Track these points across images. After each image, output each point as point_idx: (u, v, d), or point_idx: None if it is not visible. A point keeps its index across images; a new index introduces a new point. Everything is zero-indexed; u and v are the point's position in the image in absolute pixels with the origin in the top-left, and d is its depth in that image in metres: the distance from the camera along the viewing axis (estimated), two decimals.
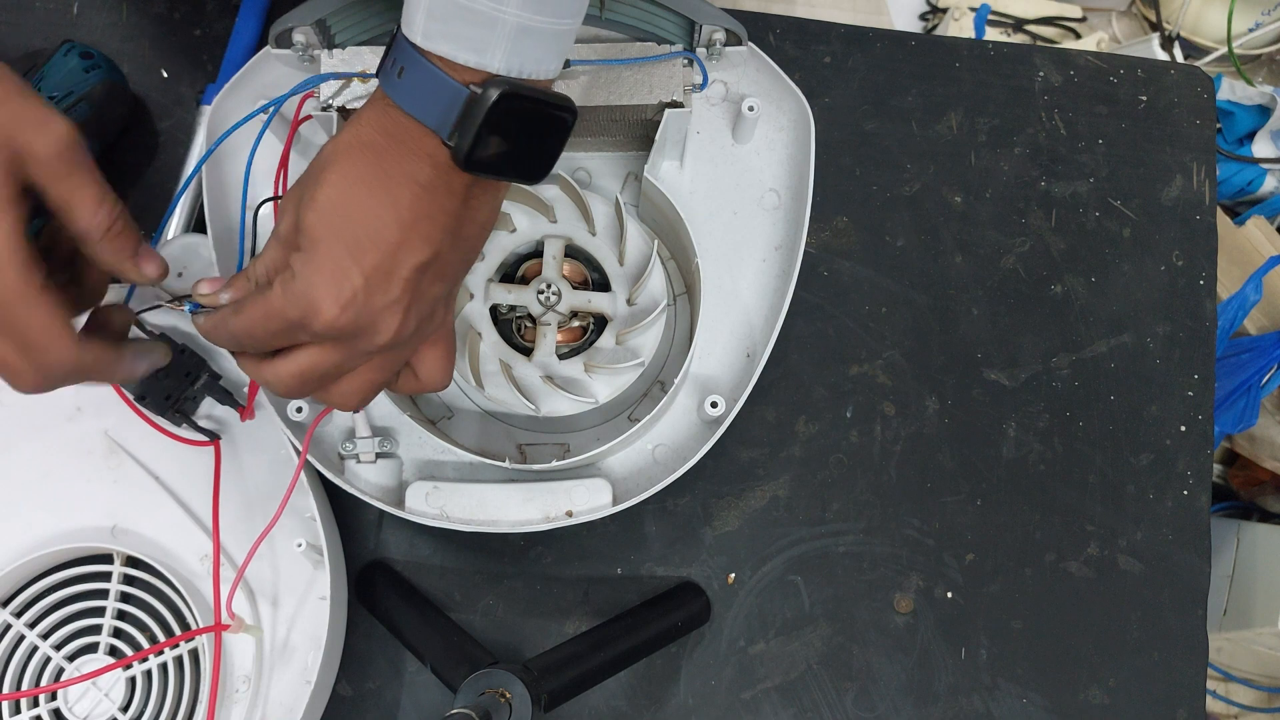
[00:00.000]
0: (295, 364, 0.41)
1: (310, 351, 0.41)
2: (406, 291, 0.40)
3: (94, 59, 0.65)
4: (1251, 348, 1.20)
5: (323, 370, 0.41)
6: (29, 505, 0.60)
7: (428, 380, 0.47)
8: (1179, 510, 0.68)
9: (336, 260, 0.39)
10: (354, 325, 0.39)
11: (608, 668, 0.59)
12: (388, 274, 0.39)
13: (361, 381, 0.43)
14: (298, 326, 0.40)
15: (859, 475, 0.67)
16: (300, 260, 0.39)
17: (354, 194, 0.39)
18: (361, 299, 0.39)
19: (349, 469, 0.57)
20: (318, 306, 0.39)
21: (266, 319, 0.40)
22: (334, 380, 0.43)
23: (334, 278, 0.39)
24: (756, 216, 0.61)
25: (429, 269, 0.40)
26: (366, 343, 0.41)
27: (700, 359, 0.60)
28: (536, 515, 0.56)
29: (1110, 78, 0.75)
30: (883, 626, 0.65)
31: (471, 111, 0.38)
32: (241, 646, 0.58)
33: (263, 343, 0.41)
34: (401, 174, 0.39)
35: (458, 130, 0.38)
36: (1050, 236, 0.71)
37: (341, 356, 0.41)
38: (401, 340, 0.41)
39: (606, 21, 0.58)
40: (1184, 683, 0.65)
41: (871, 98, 0.73)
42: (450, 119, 0.38)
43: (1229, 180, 1.39)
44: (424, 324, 0.43)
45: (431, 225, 0.40)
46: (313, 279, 0.39)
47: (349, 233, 0.39)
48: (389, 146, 0.39)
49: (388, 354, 0.43)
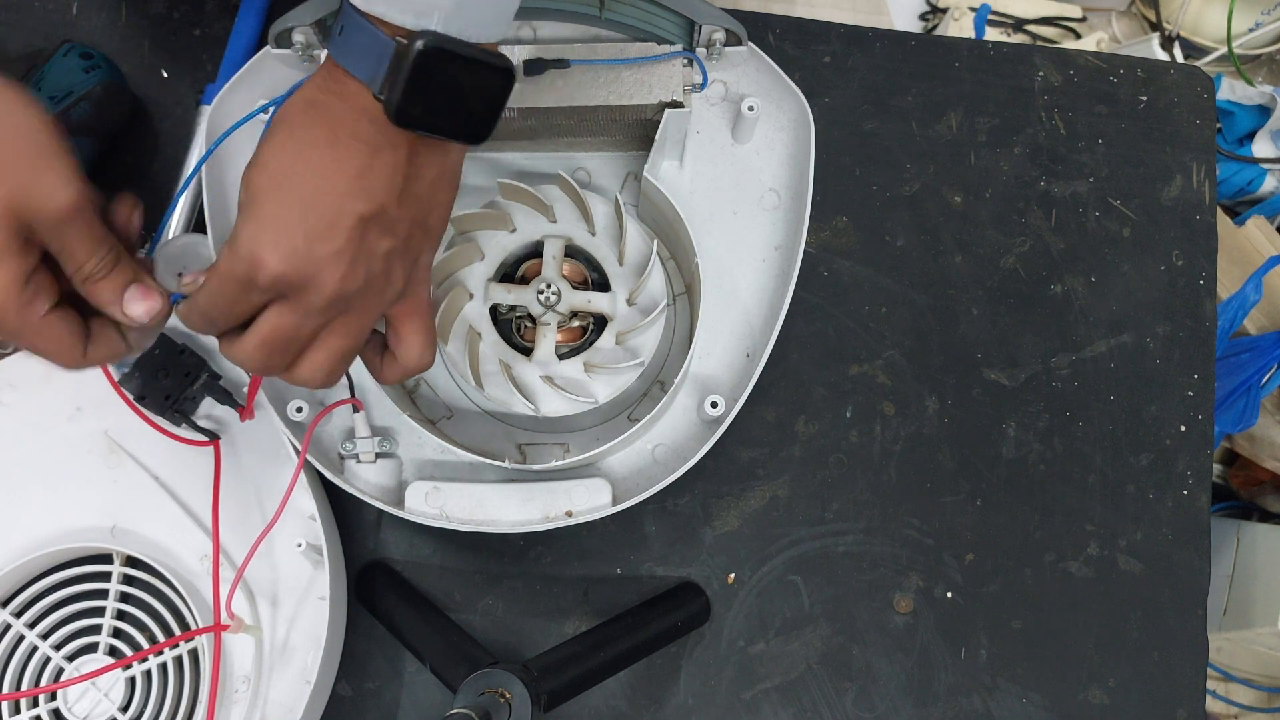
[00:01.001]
0: (256, 332, 0.42)
1: (266, 316, 0.42)
2: (350, 242, 0.40)
3: (94, 59, 0.65)
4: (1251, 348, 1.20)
5: (283, 334, 0.42)
6: (29, 505, 0.60)
7: (406, 358, 0.46)
8: (1179, 510, 0.68)
9: (276, 213, 0.40)
10: (297, 275, 0.40)
11: (608, 668, 0.59)
12: (329, 224, 0.40)
13: (327, 351, 0.43)
14: (247, 284, 0.40)
15: (859, 475, 0.67)
16: (243, 219, 0.40)
17: (297, 151, 0.40)
18: (302, 248, 0.39)
19: (349, 469, 0.57)
20: (258, 258, 0.39)
21: (220, 285, 0.41)
22: (298, 348, 0.43)
23: (273, 229, 0.39)
24: (756, 216, 0.61)
25: (372, 222, 0.41)
26: (315, 295, 0.41)
27: (700, 359, 0.60)
28: (536, 515, 0.56)
29: (1110, 78, 0.75)
30: (883, 626, 0.65)
31: (399, 65, 0.39)
32: (241, 646, 0.58)
33: (224, 313, 0.42)
34: (343, 130, 0.40)
35: (387, 84, 0.39)
36: (1050, 236, 0.71)
37: (296, 316, 0.41)
38: (348, 293, 0.41)
39: (606, 21, 0.58)
40: (1184, 683, 0.65)
41: (871, 98, 0.73)
42: (380, 73, 0.39)
43: (1229, 180, 1.39)
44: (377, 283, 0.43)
45: (373, 179, 0.40)
46: (255, 234, 0.39)
47: (289, 187, 0.40)
48: (331, 103, 0.40)
49: (346, 317, 0.43)
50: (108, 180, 0.68)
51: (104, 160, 0.68)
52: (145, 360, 0.58)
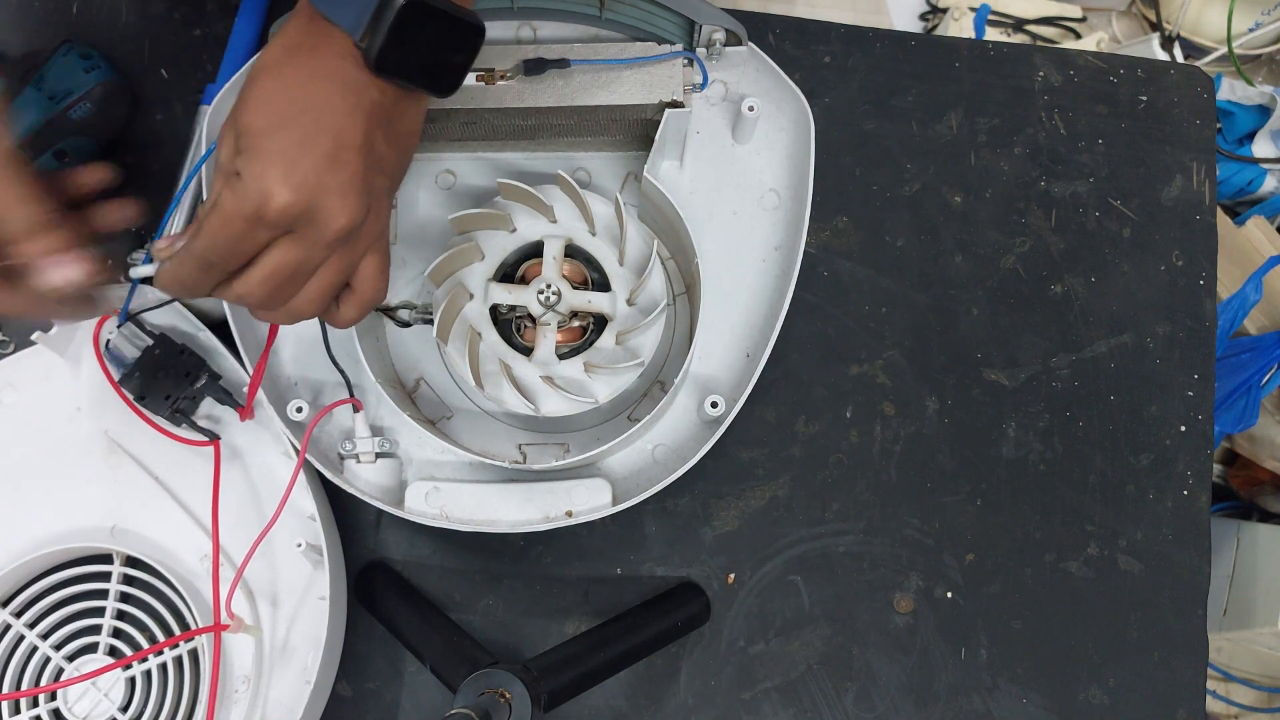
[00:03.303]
0: (261, 268, 0.42)
1: (273, 252, 0.42)
2: (355, 176, 0.41)
3: (94, 59, 0.65)
4: (1251, 348, 1.20)
5: (290, 268, 0.42)
6: (29, 505, 0.60)
7: (363, 289, 0.46)
8: (1179, 510, 0.68)
9: (282, 148, 0.40)
10: (309, 207, 0.40)
11: (608, 668, 0.59)
12: (334, 157, 0.41)
13: (319, 285, 0.44)
14: (255, 220, 0.40)
15: (859, 475, 0.67)
16: (243, 160, 0.41)
17: (287, 91, 0.41)
18: (313, 180, 0.40)
19: (348, 469, 0.57)
20: (270, 192, 0.40)
21: (225, 225, 0.41)
22: (301, 283, 0.43)
23: (283, 163, 0.40)
24: (756, 216, 0.61)
25: (369, 158, 0.42)
26: (324, 228, 0.41)
27: (700, 359, 0.60)
28: (536, 515, 0.56)
29: (1110, 78, 0.75)
30: (883, 626, 0.65)
31: (382, 15, 0.41)
32: (241, 646, 0.58)
33: (227, 254, 0.42)
34: (328, 70, 0.42)
35: (369, 33, 0.41)
36: (1050, 236, 0.71)
37: (304, 250, 0.42)
38: (355, 226, 0.42)
39: (606, 21, 0.58)
40: (1184, 683, 0.65)
41: (871, 98, 0.73)
42: (362, 22, 0.41)
43: (1229, 180, 1.39)
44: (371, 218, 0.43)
45: (364, 117, 0.42)
46: (261, 170, 0.40)
47: (288, 124, 0.41)
48: (315, 46, 0.42)
49: (343, 251, 0.43)
50: None
51: (104, 160, 0.68)
52: (145, 360, 0.58)
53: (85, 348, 0.60)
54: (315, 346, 0.60)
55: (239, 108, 0.42)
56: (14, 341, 0.65)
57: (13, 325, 0.66)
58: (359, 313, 0.47)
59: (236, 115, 0.42)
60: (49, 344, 0.60)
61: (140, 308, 0.59)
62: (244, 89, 0.42)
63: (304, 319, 0.45)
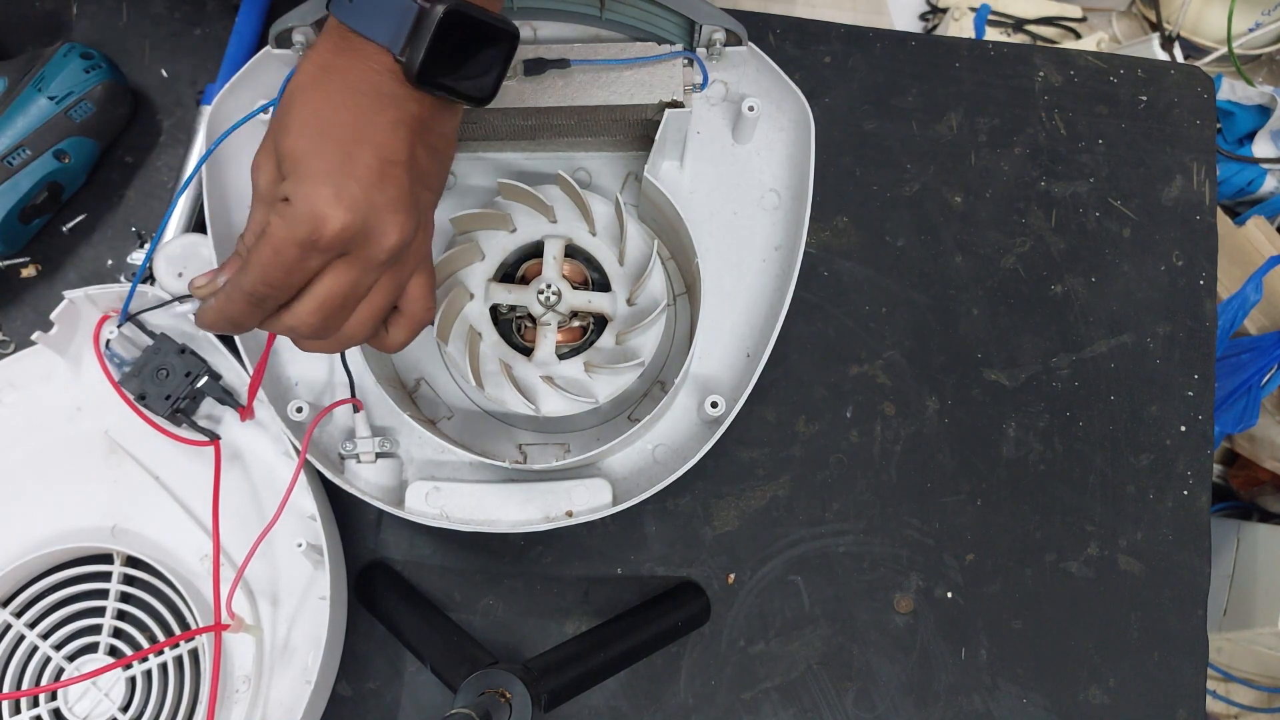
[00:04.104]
0: (314, 296, 0.42)
1: (325, 278, 0.41)
2: (403, 190, 0.41)
3: (94, 59, 0.65)
4: (1251, 348, 1.20)
5: (342, 293, 0.42)
6: (29, 505, 0.60)
7: (411, 310, 0.46)
8: (1179, 510, 0.68)
9: (328, 169, 0.40)
10: (363, 227, 0.40)
11: (608, 668, 0.59)
12: (381, 174, 0.40)
13: (370, 307, 0.43)
14: (309, 246, 0.40)
15: (859, 475, 0.67)
16: (291, 185, 0.40)
17: (327, 111, 0.41)
18: (363, 199, 0.40)
19: (349, 469, 0.57)
20: (323, 215, 0.39)
21: (277, 254, 0.40)
22: (353, 307, 0.43)
23: (331, 184, 0.39)
24: (756, 216, 0.61)
25: (414, 173, 0.42)
26: (376, 248, 0.41)
27: (700, 359, 0.60)
28: (536, 515, 0.56)
29: (1110, 78, 0.75)
30: (883, 626, 0.65)
31: (421, 27, 0.40)
32: (241, 647, 0.58)
33: (279, 284, 0.41)
34: (366, 87, 0.41)
35: (409, 46, 0.40)
36: (1050, 236, 0.71)
37: (357, 272, 0.41)
38: (406, 243, 0.42)
39: (606, 21, 0.58)
40: (1184, 683, 0.65)
41: (871, 98, 0.73)
42: (401, 35, 0.40)
43: (1229, 180, 1.39)
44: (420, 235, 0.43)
45: (406, 130, 0.42)
46: (311, 193, 0.39)
47: (333, 143, 0.40)
48: (349, 66, 0.41)
49: (393, 270, 0.43)
50: (108, 180, 0.68)
51: (104, 160, 0.68)
52: (145, 360, 0.58)
53: (85, 348, 0.60)
54: None
55: (278, 133, 0.41)
56: (14, 341, 0.65)
57: (13, 325, 0.66)
58: (409, 335, 0.46)
59: (276, 140, 0.41)
60: (49, 344, 0.60)
61: (140, 308, 0.59)
62: (280, 113, 0.42)
63: (354, 345, 0.45)
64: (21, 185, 0.62)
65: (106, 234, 0.67)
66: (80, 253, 0.67)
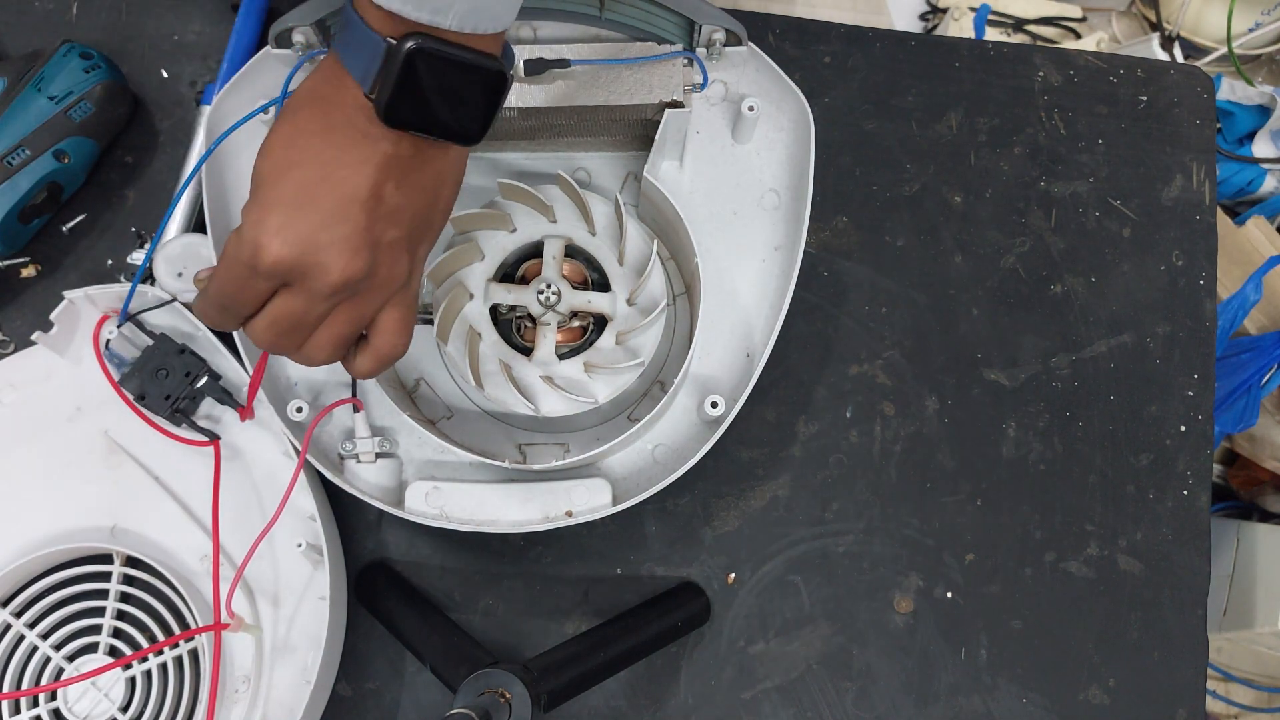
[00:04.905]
0: (265, 315, 0.43)
1: (275, 301, 0.42)
2: (355, 230, 0.41)
3: (94, 59, 0.65)
4: (1251, 348, 1.20)
5: (290, 318, 0.42)
6: (29, 505, 0.60)
7: (380, 345, 0.46)
8: (1179, 510, 0.68)
9: (281, 198, 0.40)
10: (300, 261, 0.40)
11: (608, 668, 0.59)
12: (331, 211, 0.40)
13: (330, 335, 0.44)
14: (250, 269, 0.40)
15: (859, 475, 0.67)
16: (247, 206, 0.41)
17: (299, 140, 0.41)
18: (306, 235, 0.40)
19: (349, 469, 0.57)
20: (261, 244, 0.40)
21: (227, 272, 0.41)
22: (307, 332, 0.43)
23: (276, 215, 0.40)
24: (756, 216, 0.61)
25: (376, 211, 0.41)
26: (319, 281, 0.41)
27: (700, 359, 0.60)
28: (536, 515, 0.56)
29: (1110, 78, 0.75)
30: (883, 626, 0.65)
31: (389, 65, 0.39)
32: (241, 647, 0.58)
33: (233, 300, 0.42)
34: (342, 120, 0.41)
35: (378, 83, 0.40)
36: (1050, 236, 0.71)
37: (302, 302, 0.42)
38: (354, 280, 0.41)
39: (606, 21, 0.58)
40: (1184, 683, 0.65)
41: (871, 98, 0.73)
42: (372, 71, 0.40)
43: (1229, 180, 1.39)
44: (382, 271, 0.43)
45: (374, 169, 0.41)
46: (258, 220, 0.40)
47: (293, 175, 0.40)
48: (332, 95, 0.41)
49: (351, 303, 0.43)
50: (108, 180, 0.68)
51: (104, 160, 0.68)
52: (145, 360, 0.58)
53: (85, 348, 0.60)
54: None
55: (258, 153, 0.42)
56: (14, 341, 0.65)
57: (13, 325, 0.66)
58: (373, 365, 0.46)
59: (255, 160, 0.42)
60: (49, 344, 0.60)
61: (140, 308, 0.59)
62: (269, 131, 0.42)
63: (319, 365, 0.45)
64: (21, 185, 0.62)
65: (106, 234, 0.67)
66: (80, 253, 0.67)
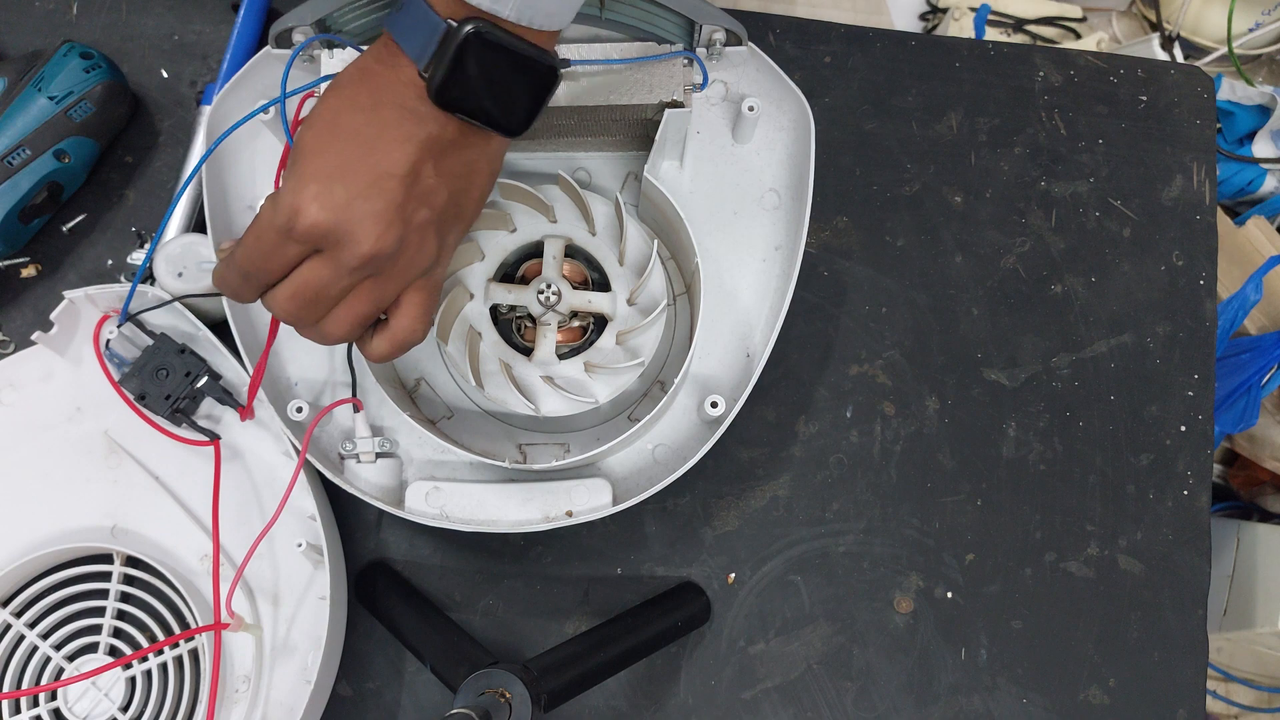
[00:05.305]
0: (290, 284, 0.43)
1: (302, 270, 0.43)
2: (389, 205, 0.41)
3: (94, 59, 0.65)
4: (1251, 348, 1.20)
5: (315, 288, 0.43)
6: (29, 505, 0.60)
7: (398, 328, 0.46)
8: (1179, 510, 0.68)
9: (319, 167, 0.41)
10: (335, 227, 0.41)
11: (608, 668, 0.59)
12: (369, 183, 0.41)
13: (350, 312, 0.44)
14: (285, 234, 0.41)
15: (859, 475, 0.67)
16: (287, 174, 0.42)
17: (344, 113, 0.42)
18: (342, 202, 0.40)
19: (349, 469, 0.57)
20: (299, 208, 0.40)
21: (258, 236, 0.42)
22: (328, 305, 0.44)
23: (316, 182, 0.40)
24: (756, 216, 0.61)
25: (412, 189, 0.42)
26: (349, 251, 0.41)
27: (700, 359, 0.60)
28: (536, 515, 0.56)
29: (1110, 78, 0.75)
30: (883, 626, 0.65)
31: (445, 46, 0.40)
32: (241, 646, 0.58)
33: (261, 264, 0.43)
34: (389, 97, 0.42)
35: (433, 63, 0.41)
36: (1050, 236, 0.71)
37: (330, 271, 0.42)
38: (383, 255, 0.42)
39: (606, 21, 0.58)
40: (1184, 683, 0.65)
41: (871, 98, 0.73)
42: (428, 51, 0.41)
43: (1229, 180, 1.39)
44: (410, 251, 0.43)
45: (415, 148, 0.42)
46: (298, 186, 0.41)
47: (337, 145, 0.41)
48: (381, 72, 0.42)
49: (375, 281, 0.43)
50: (108, 180, 0.68)
51: (104, 160, 0.68)
52: (145, 360, 0.58)
53: (85, 348, 0.60)
54: (315, 347, 0.60)
55: (305, 121, 0.43)
56: (14, 341, 0.65)
57: (13, 325, 0.66)
58: (389, 348, 0.47)
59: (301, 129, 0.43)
60: (49, 344, 0.60)
61: (140, 308, 0.59)
62: (316, 102, 0.43)
63: (335, 342, 0.45)
64: (21, 185, 0.62)
65: (106, 234, 0.67)
66: (80, 253, 0.67)
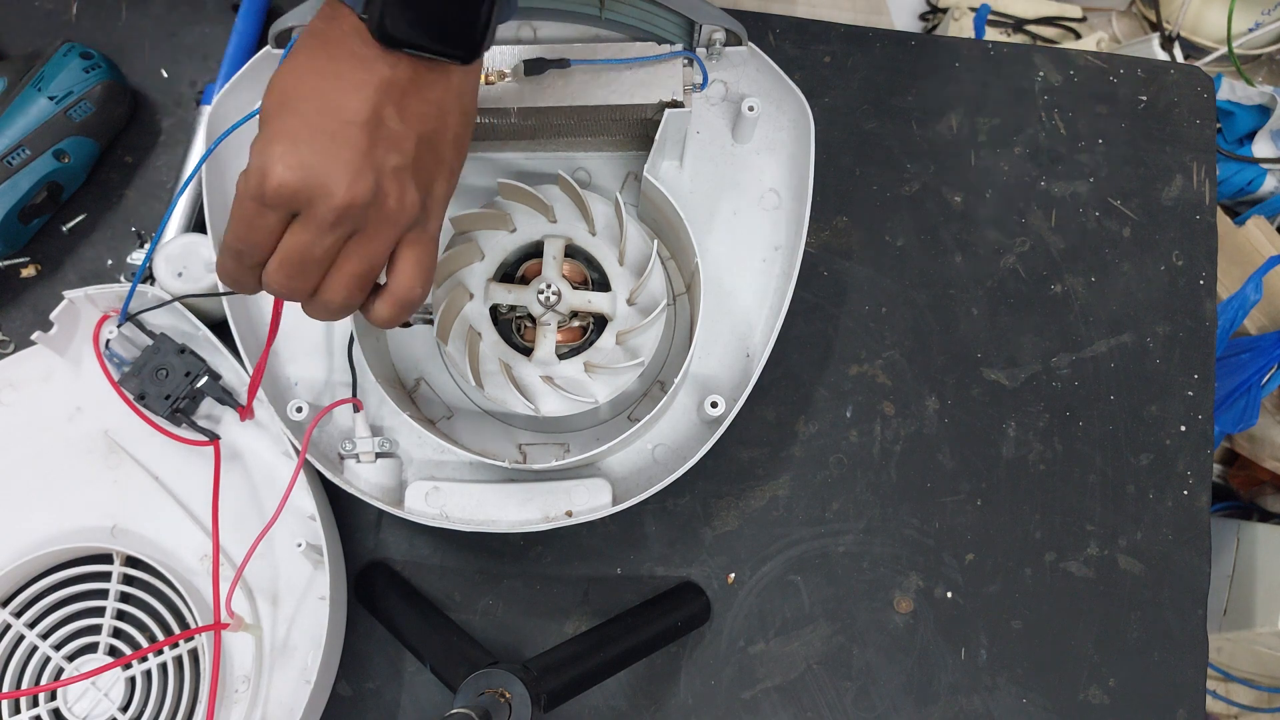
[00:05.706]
0: (277, 254, 0.43)
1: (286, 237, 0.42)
2: (355, 153, 0.41)
3: (94, 59, 0.65)
4: (1251, 348, 1.20)
5: (298, 252, 0.42)
6: (29, 505, 0.60)
7: (397, 287, 0.45)
8: (1179, 510, 0.68)
9: (281, 129, 0.41)
10: (304, 184, 0.40)
11: (608, 668, 0.59)
12: (331, 135, 0.41)
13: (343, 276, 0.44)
14: (259, 200, 0.41)
15: (859, 475, 0.67)
16: (254, 142, 0.41)
17: (300, 74, 0.42)
18: (308, 157, 0.40)
19: (348, 469, 0.57)
20: (267, 170, 0.40)
21: (239, 209, 0.42)
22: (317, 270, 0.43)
23: (279, 143, 0.40)
24: (756, 216, 0.61)
25: (377, 135, 0.42)
26: (323, 206, 0.41)
27: (700, 359, 0.60)
28: (536, 515, 0.56)
29: (1110, 78, 0.75)
30: (883, 626, 0.65)
31: None
32: (241, 646, 0.58)
33: (246, 237, 0.42)
34: (339, 49, 0.42)
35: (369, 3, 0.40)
36: (1050, 236, 0.71)
37: (311, 232, 0.42)
38: (358, 204, 0.41)
39: (606, 21, 0.58)
40: (1184, 683, 0.65)
41: (871, 98, 0.73)
42: None
43: (1229, 180, 1.39)
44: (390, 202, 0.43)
45: (372, 92, 0.41)
46: (262, 149, 0.41)
47: (293, 104, 0.41)
48: (328, 29, 0.42)
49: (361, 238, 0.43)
50: (108, 180, 0.68)
51: (104, 160, 0.68)
52: (145, 360, 0.58)
53: (85, 348, 0.60)
54: (315, 346, 0.60)
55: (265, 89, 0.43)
56: (14, 341, 0.65)
57: (13, 325, 0.66)
58: (391, 310, 0.46)
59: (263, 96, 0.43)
60: (49, 344, 0.60)
61: (140, 308, 0.59)
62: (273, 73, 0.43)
63: (339, 312, 0.45)
64: (21, 185, 0.62)
65: (106, 234, 0.67)
66: (80, 253, 0.67)
